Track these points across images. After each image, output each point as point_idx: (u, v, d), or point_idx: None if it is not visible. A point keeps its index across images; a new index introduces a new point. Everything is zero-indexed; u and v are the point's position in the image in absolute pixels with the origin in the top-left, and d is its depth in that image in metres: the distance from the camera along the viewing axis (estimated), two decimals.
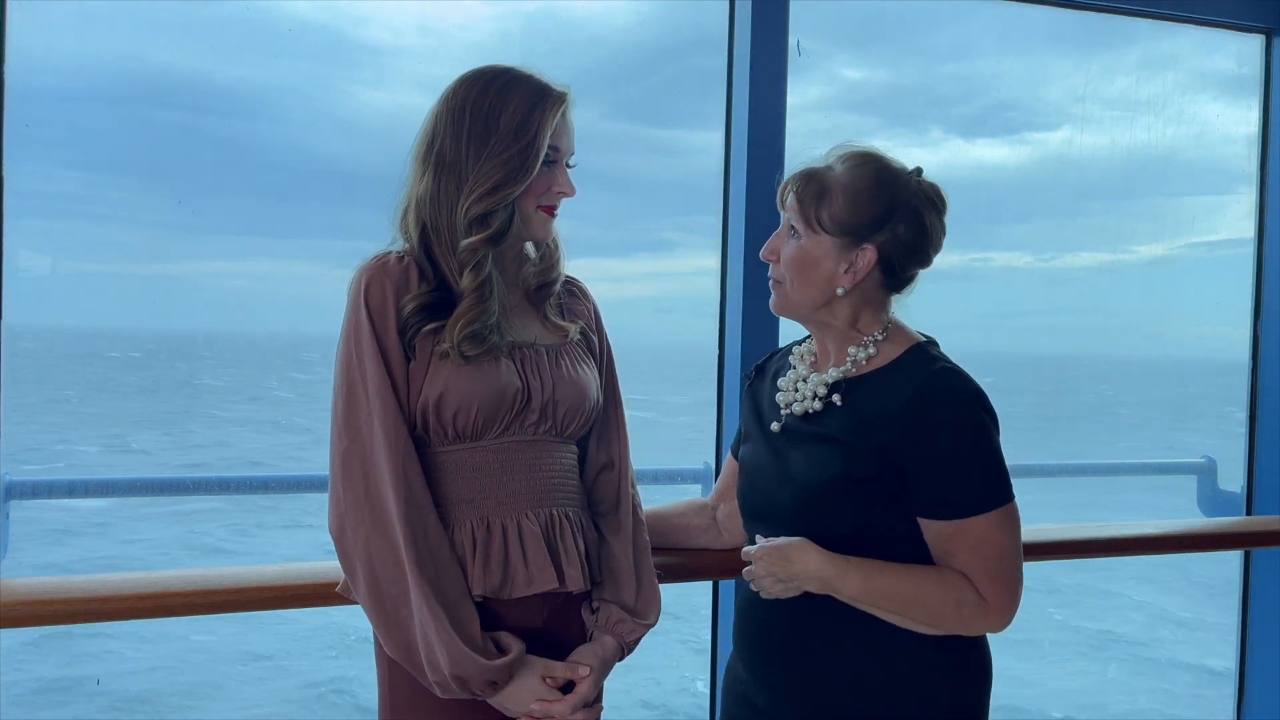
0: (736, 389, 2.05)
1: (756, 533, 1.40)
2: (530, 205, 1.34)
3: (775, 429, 1.42)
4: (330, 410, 1.30)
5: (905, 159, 1.37)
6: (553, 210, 1.37)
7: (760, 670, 1.41)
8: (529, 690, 1.29)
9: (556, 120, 1.32)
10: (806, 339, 1.48)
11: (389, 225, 1.37)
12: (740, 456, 1.51)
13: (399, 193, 1.36)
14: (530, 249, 1.42)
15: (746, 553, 1.38)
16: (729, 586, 2.08)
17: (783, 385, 1.44)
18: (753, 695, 1.42)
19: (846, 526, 1.32)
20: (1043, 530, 1.92)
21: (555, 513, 1.34)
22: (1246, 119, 2.62)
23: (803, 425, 1.38)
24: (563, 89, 1.33)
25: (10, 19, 1.66)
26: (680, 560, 1.60)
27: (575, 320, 1.43)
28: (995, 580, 1.28)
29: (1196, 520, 2.59)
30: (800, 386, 1.40)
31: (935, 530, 1.30)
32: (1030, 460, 2.71)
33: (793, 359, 1.47)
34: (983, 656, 1.38)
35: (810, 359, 1.45)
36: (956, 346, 1.44)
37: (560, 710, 1.30)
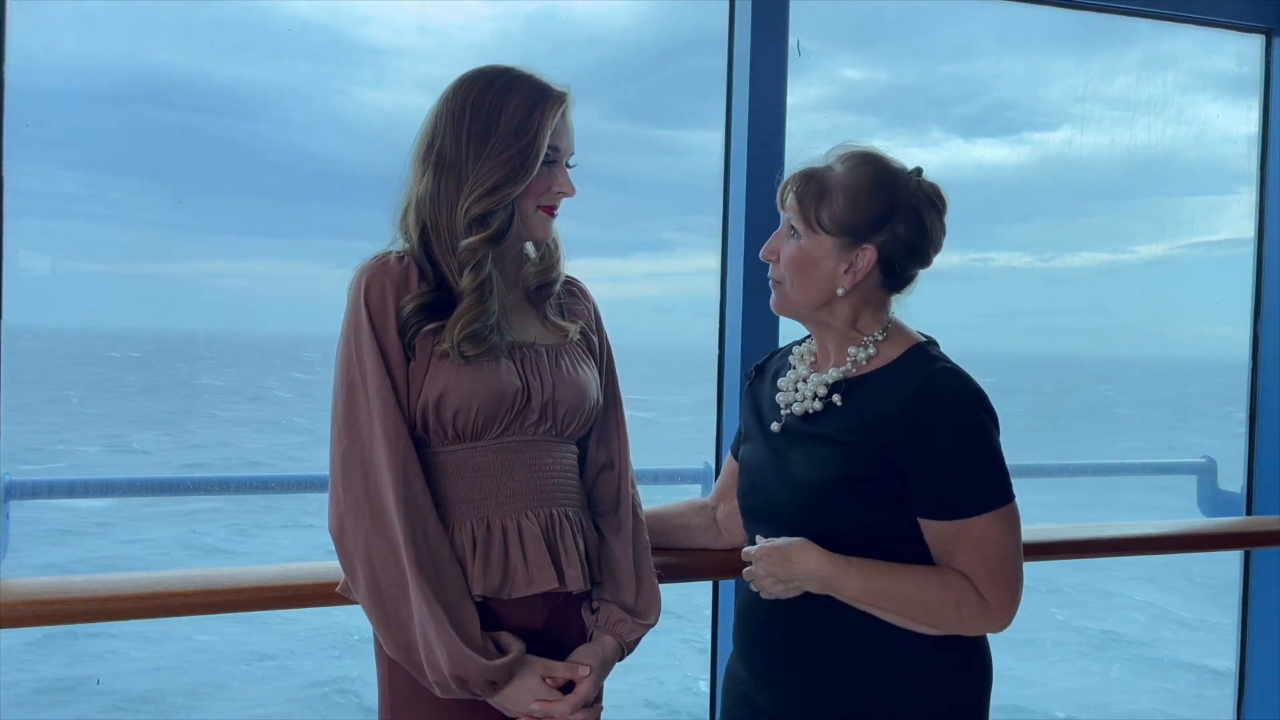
0: (736, 389, 2.05)
1: (756, 533, 1.40)
2: (530, 205, 1.34)
3: (775, 429, 1.42)
4: (330, 410, 1.30)
5: (905, 159, 1.37)
6: (553, 210, 1.37)
7: (760, 670, 1.41)
8: (529, 690, 1.29)
9: (556, 120, 1.32)
10: (806, 339, 1.48)
11: (389, 225, 1.37)
12: (740, 456, 1.51)
13: (399, 193, 1.37)
14: (530, 249, 1.42)
15: (747, 553, 1.38)
16: (729, 586, 2.08)
17: (783, 385, 1.44)
18: (753, 695, 1.42)
19: (846, 527, 1.32)
20: (1043, 530, 1.92)
21: (555, 513, 1.34)
22: (1246, 119, 2.62)
23: (803, 425, 1.38)
24: (563, 89, 1.34)
25: (10, 19, 1.66)
26: (680, 560, 1.60)
27: (575, 320, 1.43)
28: (996, 580, 1.28)
29: (1196, 520, 2.59)
30: (800, 387, 1.40)
31: (935, 530, 1.30)
32: (1030, 460, 2.71)
33: (793, 359, 1.47)
34: (983, 656, 1.38)
35: (810, 359, 1.45)
36: (956, 346, 1.44)
37: (560, 710, 1.30)
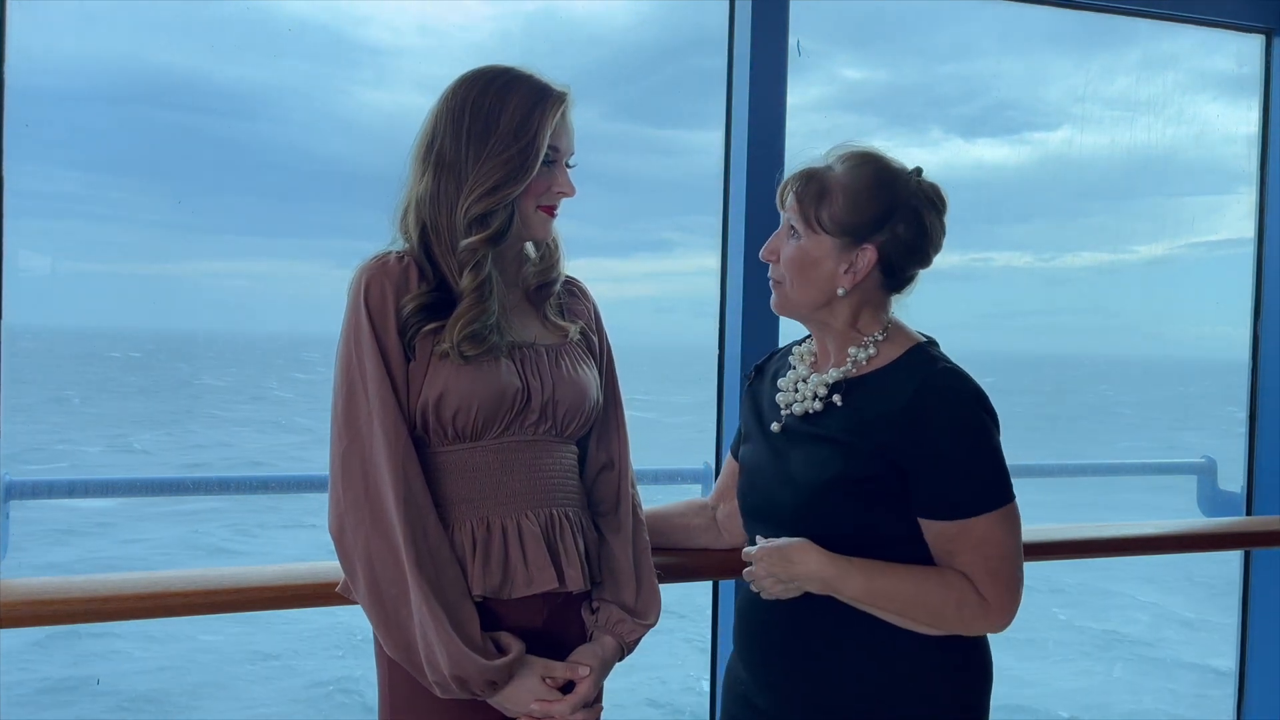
0: (736, 389, 2.05)
1: (757, 533, 1.40)
2: (530, 205, 1.34)
3: (775, 429, 1.42)
4: (330, 410, 1.30)
5: (905, 159, 1.37)
6: (552, 210, 1.37)
7: (761, 671, 1.41)
8: (529, 690, 1.29)
9: (556, 120, 1.32)
10: (806, 339, 1.48)
11: (389, 225, 1.37)
12: (740, 457, 1.51)
13: (399, 193, 1.37)
14: (530, 249, 1.42)
15: (747, 553, 1.38)
16: (729, 586, 2.08)
17: (783, 385, 1.44)
18: (753, 696, 1.42)
19: (847, 527, 1.32)
20: (1043, 530, 1.92)
21: (555, 513, 1.34)
22: (1246, 119, 2.62)
23: (803, 425, 1.38)
24: (563, 89, 1.34)
25: (10, 19, 1.66)
26: (680, 560, 1.60)
27: (575, 320, 1.43)
28: (996, 580, 1.28)
29: (1196, 520, 2.59)
30: (800, 387, 1.40)
31: (936, 530, 1.30)
32: (1030, 460, 2.71)
33: (793, 359, 1.47)
34: (984, 657, 1.38)
35: (810, 359, 1.45)
36: (956, 346, 1.44)
37: (560, 710, 1.30)
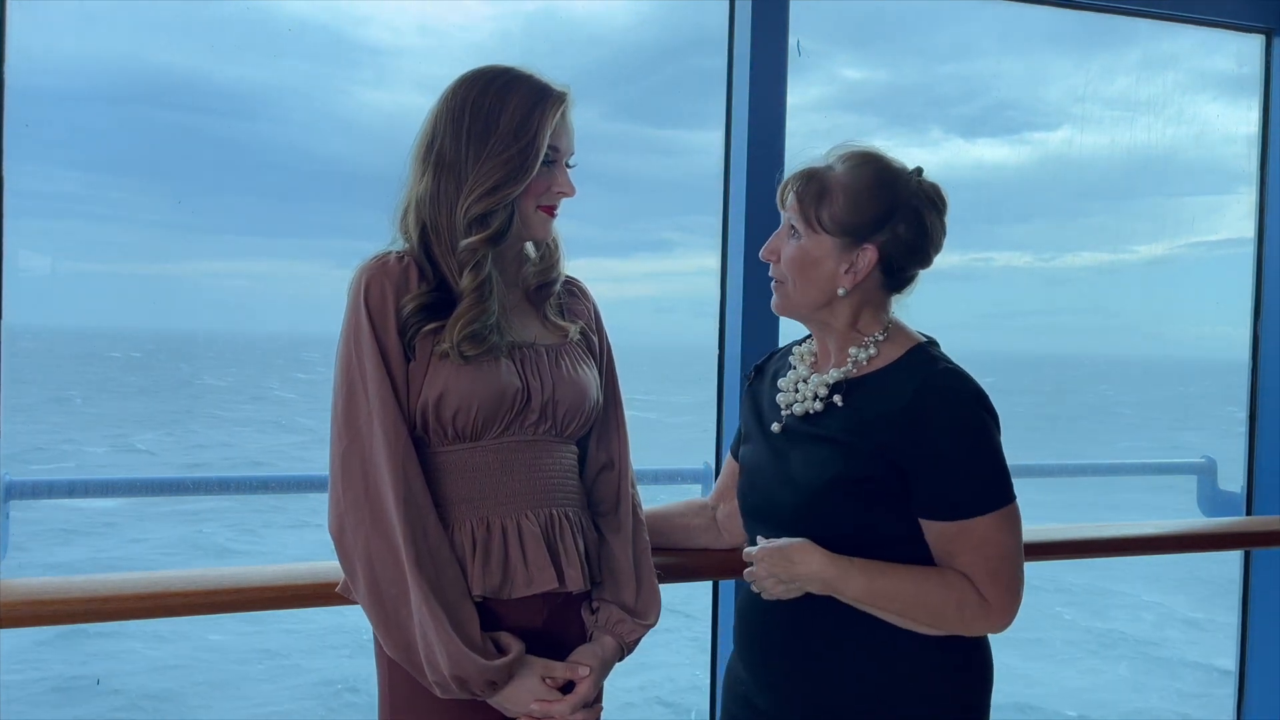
0: (736, 389, 2.05)
1: (757, 533, 1.39)
2: (530, 205, 1.34)
3: (775, 429, 1.42)
4: (330, 410, 1.30)
5: (905, 159, 1.37)
6: (552, 210, 1.37)
7: (761, 671, 1.41)
8: (529, 690, 1.29)
9: (556, 120, 1.32)
10: (806, 339, 1.48)
11: (389, 225, 1.37)
12: (740, 457, 1.51)
13: (399, 193, 1.37)
14: (530, 249, 1.42)
15: (748, 553, 1.38)
16: (729, 586, 2.08)
17: (783, 386, 1.44)
18: (753, 696, 1.42)
19: (847, 527, 1.32)
20: (1044, 530, 1.92)
21: (555, 513, 1.34)
22: (1246, 119, 2.62)
23: (803, 426, 1.38)
24: (563, 89, 1.34)
25: (10, 19, 1.66)
26: (680, 560, 1.60)
27: (575, 320, 1.43)
28: (996, 581, 1.28)
29: (1196, 520, 2.59)
30: (801, 387, 1.40)
31: (937, 531, 1.30)
32: (1030, 460, 2.71)
33: (793, 359, 1.47)
34: (984, 657, 1.38)
35: (810, 359, 1.45)
36: (956, 346, 1.44)
37: (560, 710, 1.30)
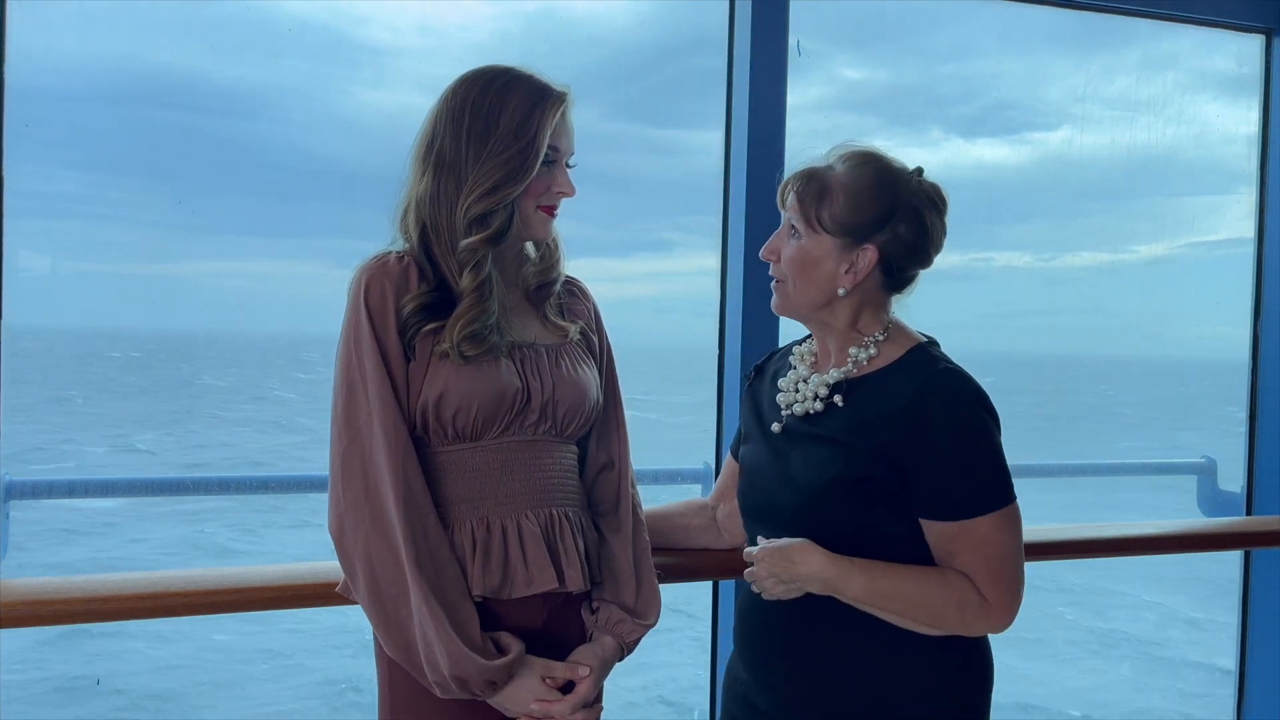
0: (736, 389, 2.05)
1: (757, 533, 1.39)
2: (530, 205, 1.34)
3: (776, 429, 1.42)
4: (330, 410, 1.30)
5: (905, 159, 1.37)
6: (552, 210, 1.37)
7: (761, 671, 1.41)
8: (529, 690, 1.29)
9: (556, 120, 1.32)
10: (807, 339, 1.48)
11: (389, 225, 1.37)
12: (740, 457, 1.51)
13: (399, 193, 1.37)
14: (530, 249, 1.42)
15: (749, 553, 1.38)
16: (729, 586, 2.08)
17: (783, 386, 1.44)
18: (754, 696, 1.42)
19: (847, 527, 1.32)
20: (1044, 530, 1.92)
21: (555, 513, 1.34)
22: (1246, 119, 2.62)
23: (803, 426, 1.38)
24: (563, 89, 1.34)
25: (10, 19, 1.66)
26: (680, 560, 1.60)
27: (575, 320, 1.43)
28: (997, 581, 1.28)
29: (1196, 520, 2.59)
30: (801, 387, 1.40)
31: (937, 531, 1.30)
32: (1030, 460, 2.71)
33: (793, 359, 1.47)
34: (984, 657, 1.38)
35: (810, 359, 1.45)
36: (956, 346, 1.44)
37: (560, 710, 1.30)
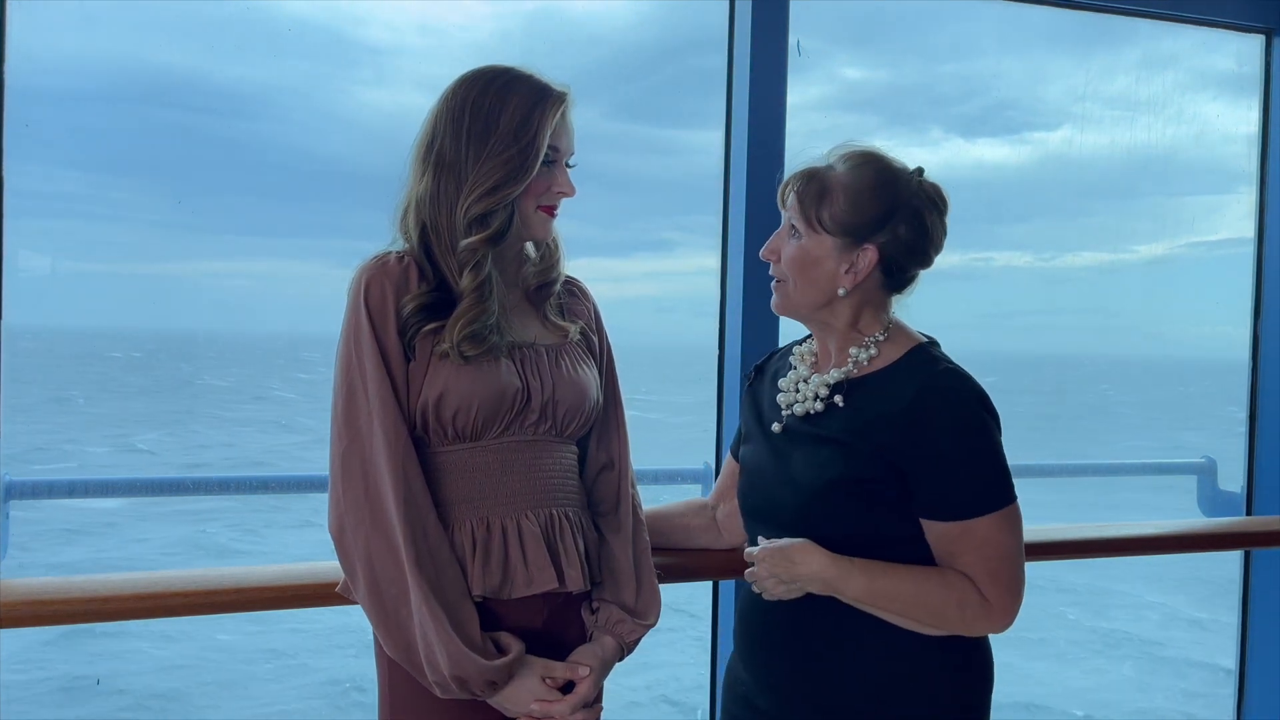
0: (736, 389, 2.05)
1: (758, 533, 1.39)
2: (530, 205, 1.34)
3: (776, 430, 1.42)
4: (330, 410, 1.30)
5: (906, 159, 1.37)
6: (552, 210, 1.37)
7: (762, 672, 1.41)
8: (529, 690, 1.29)
9: (556, 120, 1.32)
10: (807, 339, 1.48)
11: (389, 225, 1.37)
12: (741, 457, 1.51)
13: (399, 193, 1.36)
14: (530, 249, 1.42)
15: (749, 554, 1.38)
16: (729, 587, 2.08)
17: (783, 386, 1.44)
18: (754, 697, 1.42)
19: (848, 527, 1.32)
20: (1044, 530, 1.92)
21: (555, 513, 1.34)
22: (1246, 119, 2.62)
23: (804, 426, 1.38)
24: (562, 89, 1.33)
25: (10, 19, 1.66)
26: (680, 560, 1.60)
27: (575, 320, 1.43)
28: (997, 581, 1.28)
29: (1196, 520, 2.59)
30: (801, 387, 1.40)
31: (938, 531, 1.30)
32: (1031, 460, 2.71)
33: (793, 359, 1.47)
34: (984, 657, 1.38)
35: (811, 359, 1.45)
36: (956, 346, 1.43)
37: (560, 710, 1.30)
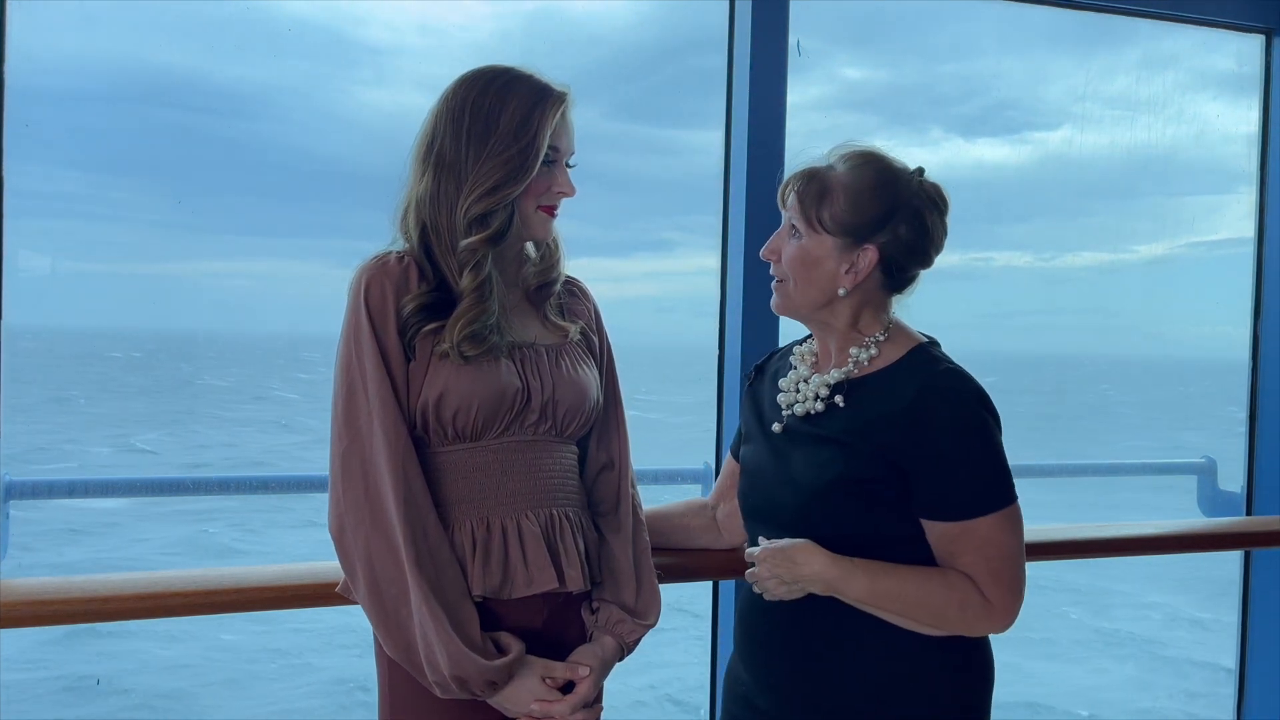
0: (736, 389, 2.05)
1: (758, 534, 1.39)
2: (530, 205, 1.34)
3: (776, 430, 1.42)
4: (330, 410, 1.30)
5: (906, 159, 1.37)
6: (553, 210, 1.37)
7: (762, 672, 1.41)
8: (529, 690, 1.29)
9: (556, 120, 1.32)
10: (807, 339, 1.48)
11: (389, 225, 1.37)
12: (741, 457, 1.51)
13: (399, 193, 1.37)
14: (530, 249, 1.42)
15: (750, 554, 1.38)
16: (729, 587, 2.08)
17: (784, 386, 1.44)
18: (754, 697, 1.42)
19: (848, 528, 1.32)
20: (1044, 530, 1.92)
21: (555, 513, 1.34)
22: (1246, 119, 2.62)
23: (804, 426, 1.38)
24: (563, 89, 1.33)
25: (10, 19, 1.66)
26: (680, 560, 1.60)
27: (575, 320, 1.43)
28: (998, 581, 1.28)
29: (1196, 520, 2.59)
30: (802, 387, 1.40)
31: (938, 531, 1.30)
32: (1031, 460, 2.70)
33: (793, 359, 1.47)
34: (985, 657, 1.38)
35: (811, 359, 1.44)
36: (956, 346, 1.43)
37: (560, 710, 1.30)
